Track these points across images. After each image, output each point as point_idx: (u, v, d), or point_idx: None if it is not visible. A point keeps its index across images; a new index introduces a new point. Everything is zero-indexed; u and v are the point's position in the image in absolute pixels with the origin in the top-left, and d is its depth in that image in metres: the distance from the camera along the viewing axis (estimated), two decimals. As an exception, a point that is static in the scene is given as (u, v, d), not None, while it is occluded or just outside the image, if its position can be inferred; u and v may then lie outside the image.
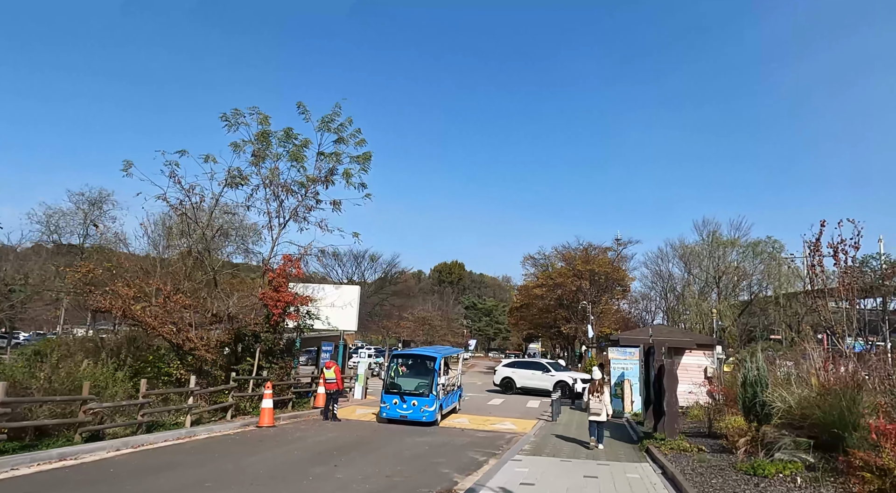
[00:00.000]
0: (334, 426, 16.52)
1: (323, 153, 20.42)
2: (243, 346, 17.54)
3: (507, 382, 32.10)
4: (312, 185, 20.36)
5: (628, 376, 22.13)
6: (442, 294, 76.51)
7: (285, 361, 18.16)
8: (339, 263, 50.19)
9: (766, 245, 40.93)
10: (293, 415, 17.82)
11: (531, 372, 31.77)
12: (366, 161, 21.02)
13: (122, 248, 21.74)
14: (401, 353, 19.45)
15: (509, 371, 32.72)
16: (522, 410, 24.02)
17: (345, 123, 20.49)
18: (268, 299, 16.76)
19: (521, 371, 32.35)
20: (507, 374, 32.54)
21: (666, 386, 13.39)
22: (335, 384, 17.62)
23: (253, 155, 19.58)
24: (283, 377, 18.34)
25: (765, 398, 11.67)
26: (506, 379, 32.31)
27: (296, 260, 18.08)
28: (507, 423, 19.08)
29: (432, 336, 54.03)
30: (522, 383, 31.30)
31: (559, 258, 53.60)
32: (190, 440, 12.54)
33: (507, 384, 31.96)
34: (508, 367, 33.62)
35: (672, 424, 13.22)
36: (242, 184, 18.94)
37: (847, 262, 16.74)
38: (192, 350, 16.40)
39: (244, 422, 15.29)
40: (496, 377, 33.26)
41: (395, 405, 17.50)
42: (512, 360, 38.52)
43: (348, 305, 21.72)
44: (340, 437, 14.19)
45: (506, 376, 32.50)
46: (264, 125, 19.70)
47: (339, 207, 21.38)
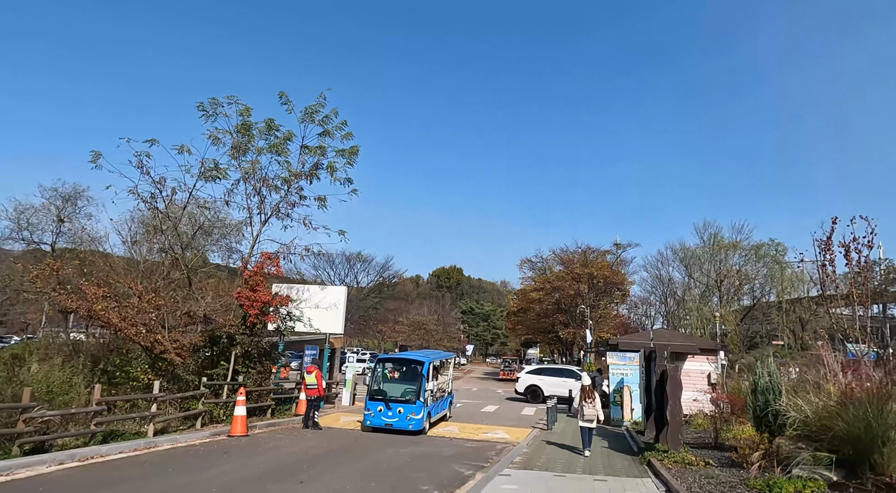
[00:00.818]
0: (314, 434, 15.45)
1: (307, 147, 19.44)
2: (219, 349, 16.49)
3: (533, 390, 29.76)
4: (296, 180, 19.36)
5: (628, 382, 21.08)
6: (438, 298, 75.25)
7: (264, 365, 17.08)
8: (331, 265, 49.16)
9: (769, 248, 39.90)
10: (271, 423, 16.74)
11: (561, 379, 29.31)
12: (352, 155, 20.05)
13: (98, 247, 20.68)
14: (386, 357, 18.38)
15: (535, 379, 30.46)
16: (517, 418, 22.92)
17: (330, 115, 19.52)
18: (243, 299, 15.70)
19: (549, 379, 30.00)
20: (534, 382, 30.26)
21: (669, 393, 12.35)
22: (316, 390, 16.55)
23: (233, 148, 18.58)
24: (262, 383, 17.26)
25: (778, 407, 10.63)
26: (532, 387, 30.00)
27: (275, 258, 17.02)
28: (499, 432, 18.01)
29: (428, 341, 52.92)
30: (552, 391, 28.15)
31: (557, 262, 52.60)
32: (148, 451, 11.46)
33: (534, 393, 29.57)
34: (534, 374, 31.31)
35: (676, 434, 12.16)
36: (220, 178, 17.92)
37: (861, 261, 15.74)
38: (163, 354, 15.34)
39: (215, 431, 14.21)
40: (519, 386, 30.92)
41: (379, 413, 16.43)
42: (537, 366, 36.10)
43: (333, 306, 20.65)
44: (316, 447, 13.12)
45: (531, 383, 30.22)
46: (245, 116, 18.70)
47: (324, 204, 20.41)
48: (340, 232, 20.30)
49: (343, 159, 19.33)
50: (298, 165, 19.30)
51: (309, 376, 16.72)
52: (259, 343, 16.94)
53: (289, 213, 19.78)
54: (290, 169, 18.83)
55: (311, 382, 16.62)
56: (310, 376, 16.71)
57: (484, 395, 35.22)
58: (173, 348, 15.36)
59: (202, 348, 16.75)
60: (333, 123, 19.50)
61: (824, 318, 40.14)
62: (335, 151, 19.68)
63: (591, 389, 14.10)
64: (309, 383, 16.66)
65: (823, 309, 36.18)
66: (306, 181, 19.66)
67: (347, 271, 50.27)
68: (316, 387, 16.54)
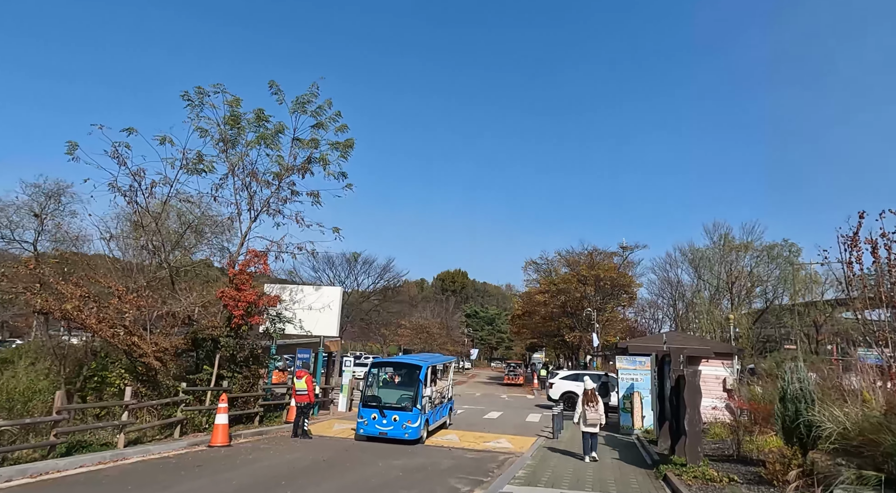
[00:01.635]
0: (302, 444, 14.40)
1: (299, 139, 18.43)
2: (203, 353, 15.49)
3: (569, 396, 27.41)
4: (288, 174, 18.37)
5: (638, 387, 19.92)
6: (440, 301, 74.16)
7: (251, 369, 16.04)
8: (331, 266, 48.18)
9: (782, 249, 38.60)
10: (258, 432, 15.71)
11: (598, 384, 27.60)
12: (347, 149, 19.04)
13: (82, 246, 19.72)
14: (381, 361, 17.33)
15: (571, 384, 28.27)
16: (521, 425, 21.82)
17: (323, 106, 18.52)
18: (227, 299, 14.69)
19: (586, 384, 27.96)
20: (570, 387, 28.11)
21: (687, 401, 11.23)
22: (306, 397, 15.50)
23: (221, 140, 17.62)
24: (249, 388, 16.24)
25: (811, 417, 9.48)
26: (567, 394, 27.83)
27: (263, 255, 16.00)
28: (502, 440, 16.91)
29: (430, 345, 51.78)
30: None
31: (563, 263, 51.41)
32: (114, 464, 10.43)
33: (570, 399, 27.03)
34: (569, 380, 29.27)
35: (695, 446, 11.03)
36: (207, 171, 16.93)
37: (890, 259, 14.59)
38: (142, 357, 14.34)
39: (194, 441, 13.19)
40: (553, 392, 28.86)
41: (373, 421, 15.37)
42: (571, 372, 33.63)
43: (327, 307, 19.59)
44: (301, 459, 12.06)
45: (567, 389, 28.13)
46: (234, 107, 17.72)
47: (318, 200, 19.41)
48: (335, 229, 19.34)
49: (337, 152, 18.33)
50: (290, 158, 18.33)
51: (299, 382, 15.68)
52: (246, 346, 15.92)
53: (280, 209, 18.79)
54: (282, 162, 17.83)
55: (300, 387, 15.58)
56: (299, 381, 15.67)
57: (487, 400, 34.13)
58: (153, 351, 14.37)
59: (186, 352, 15.76)
60: (327, 113, 18.53)
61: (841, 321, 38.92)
62: (329, 143, 18.70)
63: (594, 393, 13.73)
64: (299, 388, 15.62)
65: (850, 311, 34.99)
66: (298, 176, 18.69)
67: (348, 272, 49.32)
68: (306, 393, 15.50)
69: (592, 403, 13.48)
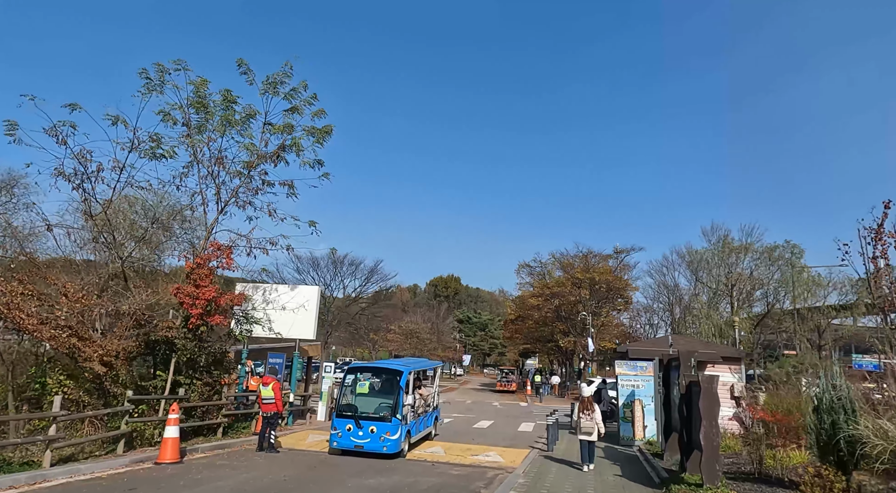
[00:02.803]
0: (266, 459, 12.79)
1: (271, 124, 16.91)
2: (158, 357, 13.89)
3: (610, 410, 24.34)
4: (259, 162, 16.84)
5: (639, 394, 18.43)
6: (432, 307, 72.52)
7: (213, 375, 14.43)
8: (315, 268, 46.46)
9: (783, 250, 37.28)
10: (220, 445, 14.08)
11: None
12: (325, 135, 17.55)
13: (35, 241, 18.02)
14: (358, 366, 15.77)
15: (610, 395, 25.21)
16: (513, 435, 20.27)
17: (298, 89, 17.01)
18: (183, 296, 13.09)
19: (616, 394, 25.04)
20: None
21: (703, 411, 9.74)
22: (273, 406, 13.90)
23: (184, 124, 16.07)
24: (211, 396, 14.62)
25: (854, 432, 8.02)
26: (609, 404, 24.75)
27: (227, 249, 14.42)
28: (491, 453, 15.36)
29: (421, 350, 50.16)
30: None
31: (557, 266, 49.98)
32: (30, 488, 8.82)
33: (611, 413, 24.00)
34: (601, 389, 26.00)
35: (713, 464, 9.53)
36: (167, 157, 15.35)
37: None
38: (86, 361, 12.72)
39: (140, 457, 11.58)
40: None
41: (348, 432, 13.77)
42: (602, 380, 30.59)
43: (302, 307, 18.01)
44: (257, 479, 10.47)
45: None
46: (200, 89, 16.17)
47: (293, 191, 17.91)
48: (311, 223, 17.82)
49: (312, 138, 16.83)
50: (261, 144, 16.80)
51: (265, 389, 14.08)
52: (207, 349, 14.32)
53: (251, 201, 17.26)
54: (252, 148, 16.30)
55: (267, 395, 13.98)
56: (266, 388, 14.06)
57: (478, 408, 32.55)
58: (99, 355, 12.74)
59: (141, 356, 14.15)
60: (302, 96, 17.01)
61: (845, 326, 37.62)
62: (304, 129, 17.19)
63: (590, 400, 13.30)
64: (265, 396, 14.02)
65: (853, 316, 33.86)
66: (271, 164, 17.15)
67: (333, 274, 47.64)
68: (273, 401, 13.90)
69: (588, 410, 13.02)
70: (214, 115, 16.27)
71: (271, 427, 13.93)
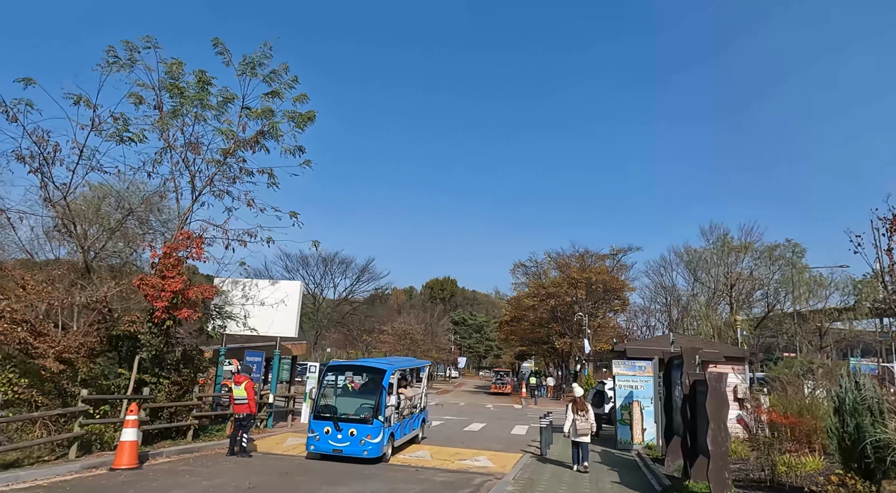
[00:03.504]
0: (235, 465, 11.82)
1: (249, 108, 15.96)
2: (121, 354, 12.91)
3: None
4: (237, 148, 15.90)
5: (638, 396, 17.49)
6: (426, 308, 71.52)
7: (182, 373, 13.43)
8: (305, 266, 45.40)
9: (784, 250, 36.40)
10: (187, 448, 13.09)
11: None
12: (308, 121, 16.62)
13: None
14: (338, 364, 14.82)
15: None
16: (505, 438, 19.31)
17: (278, 71, 16.08)
18: (146, 288, 12.10)
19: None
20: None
21: (710, 413, 8.80)
22: (245, 407, 12.92)
23: (156, 108, 15.12)
24: (180, 396, 13.63)
25: (882, 436, 7.11)
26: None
27: (197, 239, 13.44)
28: (481, 458, 14.42)
29: (414, 351, 49.10)
30: None
31: (553, 266, 49.03)
32: (-47, 497, 7.85)
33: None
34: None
35: (721, 472, 8.58)
36: (136, 141, 14.37)
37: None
38: (40, 358, 11.74)
39: (94, 462, 10.59)
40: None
41: (326, 435, 12.81)
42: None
43: (281, 303, 17.03)
44: (221, 487, 9.50)
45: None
46: (175, 71, 15.21)
47: (274, 180, 16.98)
48: (292, 214, 16.89)
49: (291, 123, 15.90)
50: (239, 129, 15.85)
51: (237, 388, 13.09)
52: (176, 346, 13.33)
53: (228, 190, 16.32)
54: (227, 132, 15.35)
55: (239, 395, 13.01)
56: (238, 387, 13.08)
57: (471, 410, 31.60)
58: (55, 351, 11.76)
59: (105, 353, 13.16)
60: (283, 79, 16.07)
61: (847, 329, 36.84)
62: (285, 114, 16.25)
63: (583, 401, 13.07)
64: (237, 396, 13.04)
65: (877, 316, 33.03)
66: (249, 151, 16.21)
67: (323, 273, 46.57)
68: (245, 402, 12.92)
69: (583, 411, 12.78)
70: (189, 98, 15.30)
71: (244, 430, 12.96)
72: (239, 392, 12.99)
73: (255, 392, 13.32)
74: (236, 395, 13.04)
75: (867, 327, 39.18)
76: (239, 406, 12.97)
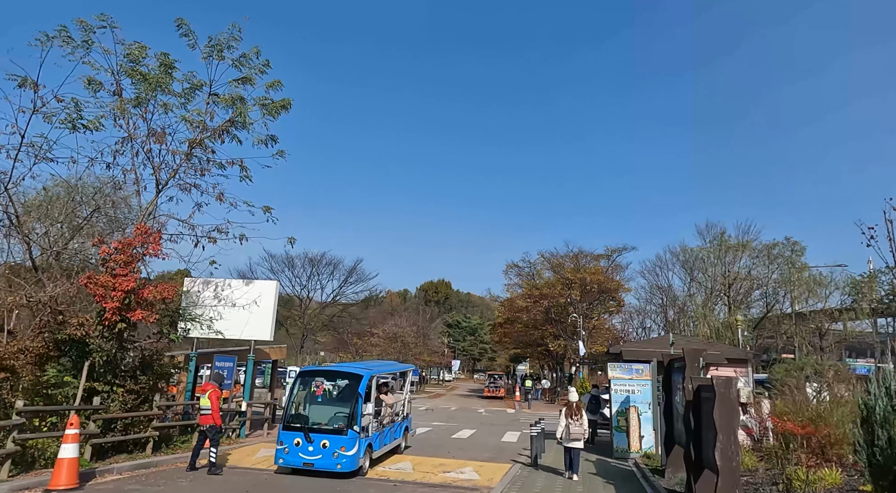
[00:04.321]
0: (193, 482, 10.69)
1: (216, 95, 14.88)
2: (71, 361, 11.77)
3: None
4: (203, 137, 14.82)
5: (635, 401, 16.47)
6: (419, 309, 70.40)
7: (139, 381, 12.29)
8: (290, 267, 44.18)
9: (783, 248, 35.46)
10: (146, 463, 11.95)
11: None
12: (281, 109, 15.56)
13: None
14: (311, 369, 13.72)
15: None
16: (495, 447, 18.24)
17: (249, 55, 15.02)
18: (94, 287, 10.97)
19: None
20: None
21: (718, 423, 7.77)
22: (209, 417, 11.80)
23: (114, 93, 14.03)
24: (138, 406, 12.49)
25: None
26: None
27: (155, 234, 12.32)
28: (467, 469, 13.36)
29: (405, 355, 48.06)
30: None
31: (546, 266, 47.99)
32: None
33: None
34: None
35: (731, 490, 7.56)
36: (90, 129, 13.25)
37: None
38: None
39: (29, 482, 9.46)
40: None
41: (296, 447, 11.70)
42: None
43: (253, 303, 15.93)
44: (165, 511, 8.40)
45: None
46: (137, 55, 14.11)
47: (247, 173, 15.93)
48: (266, 208, 15.83)
49: (261, 109, 14.84)
50: (207, 117, 14.77)
51: (202, 397, 11.99)
52: (129, 350, 12.21)
53: (196, 183, 15.23)
54: (191, 119, 14.27)
55: (203, 405, 11.89)
56: (203, 396, 11.98)
57: (461, 416, 30.50)
58: (-7, 356, 10.62)
59: (53, 359, 12.01)
60: (254, 63, 15.01)
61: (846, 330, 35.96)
62: (256, 101, 15.18)
63: (578, 405, 12.78)
64: (202, 406, 11.93)
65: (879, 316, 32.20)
66: (218, 141, 15.14)
67: (310, 274, 45.38)
68: (209, 412, 11.81)
69: (576, 416, 12.51)
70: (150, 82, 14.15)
71: (212, 443, 11.80)
72: (203, 402, 11.87)
73: (220, 401, 12.17)
74: (201, 405, 11.92)
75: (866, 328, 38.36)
76: (203, 417, 11.86)
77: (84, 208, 17.63)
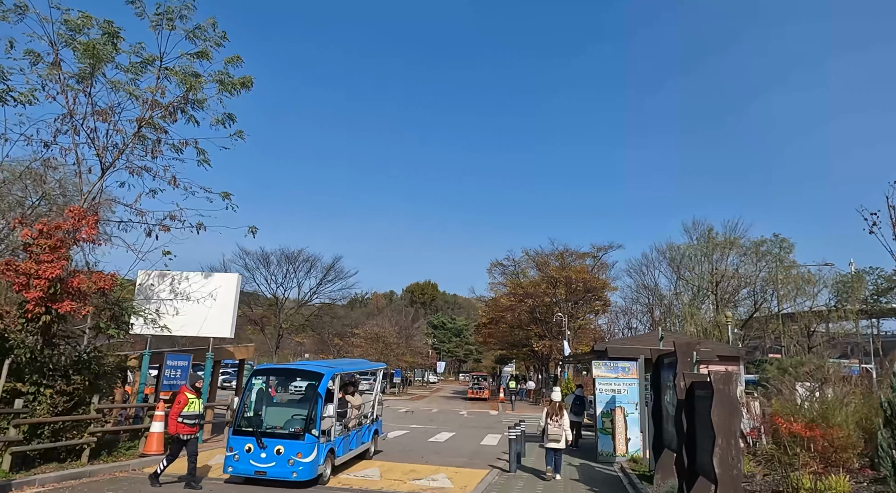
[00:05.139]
0: (126, 494, 9.46)
1: (168, 69, 13.65)
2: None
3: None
4: (154, 115, 13.59)
5: (621, 401, 15.46)
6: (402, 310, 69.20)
7: (73, 381, 11.01)
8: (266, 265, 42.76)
9: (771, 245, 34.81)
10: (79, 473, 10.66)
11: None
12: (241, 87, 14.37)
13: None
14: (266, 368, 12.51)
15: None
16: (473, 450, 17.14)
17: (204, 26, 13.81)
18: (13, 274, 9.70)
19: None
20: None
21: (717, 425, 6.74)
22: (187, 428, 10.46)
23: (53, 64, 12.77)
24: (71, 409, 11.19)
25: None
26: None
27: (91, 217, 11.06)
28: (439, 476, 12.23)
29: (388, 356, 46.80)
30: None
31: (531, 264, 47.06)
32: None
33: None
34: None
35: (733, 503, 6.52)
36: (21, 102, 11.99)
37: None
38: None
39: (-74, 496, 8.20)
40: None
41: (247, 454, 10.49)
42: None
43: (209, 297, 14.70)
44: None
45: None
46: (81, 24, 12.86)
47: (206, 157, 14.76)
48: (224, 195, 14.66)
49: (215, 85, 13.65)
50: (157, 93, 13.54)
51: (196, 403, 10.65)
52: (58, 346, 10.92)
53: (147, 166, 13.98)
54: (135, 92, 13.04)
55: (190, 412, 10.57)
56: (197, 401, 10.65)
57: (442, 418, 29.36)
58: None
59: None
60: (209, 35, 13.80)
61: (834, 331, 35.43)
62: (212, 76, 13.97)
63: (560, 406, 12.51)
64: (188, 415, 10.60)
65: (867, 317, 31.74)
66: (170, 120, 13.91)
67: (286, 272, 43.98)
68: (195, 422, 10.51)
69: (556, 416, 12.32)
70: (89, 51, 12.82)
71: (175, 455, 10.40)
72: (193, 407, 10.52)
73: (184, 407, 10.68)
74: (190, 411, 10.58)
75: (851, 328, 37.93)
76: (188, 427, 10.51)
77: (20, 191, 16.27)
